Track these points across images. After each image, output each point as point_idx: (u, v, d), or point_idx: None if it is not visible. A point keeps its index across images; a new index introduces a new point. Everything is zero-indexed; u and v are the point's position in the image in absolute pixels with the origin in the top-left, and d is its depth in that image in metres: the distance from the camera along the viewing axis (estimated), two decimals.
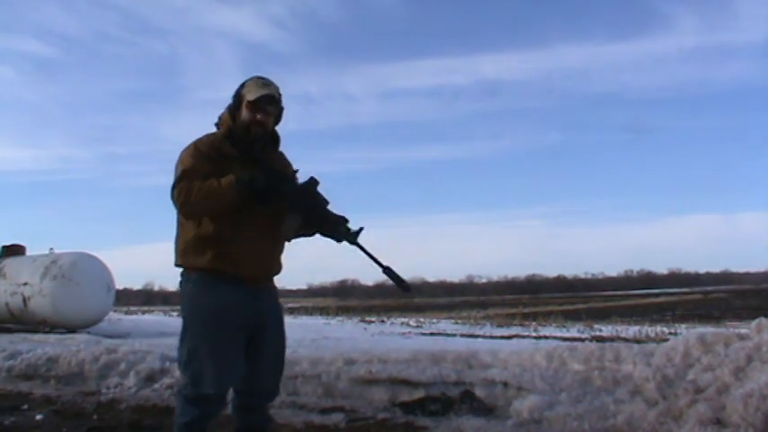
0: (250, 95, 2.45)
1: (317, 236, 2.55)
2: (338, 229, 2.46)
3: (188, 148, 2.44)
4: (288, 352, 2.67)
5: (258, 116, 2.46)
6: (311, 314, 22.65)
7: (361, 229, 2.47)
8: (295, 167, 2.59)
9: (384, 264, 2.47)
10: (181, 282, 2.47)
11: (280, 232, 2.49)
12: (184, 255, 2.42)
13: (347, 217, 2.49)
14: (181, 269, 2.48)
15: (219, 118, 2.55)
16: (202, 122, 2.58)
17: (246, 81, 2.51)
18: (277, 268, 2.57)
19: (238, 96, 2.48)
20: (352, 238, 2.45)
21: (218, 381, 2.35)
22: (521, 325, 14.86)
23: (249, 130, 2.47)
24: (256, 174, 2.36)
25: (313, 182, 2.44)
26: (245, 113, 2.46)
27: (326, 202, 2.48)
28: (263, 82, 2.49)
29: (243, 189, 2.33)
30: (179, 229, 2.47)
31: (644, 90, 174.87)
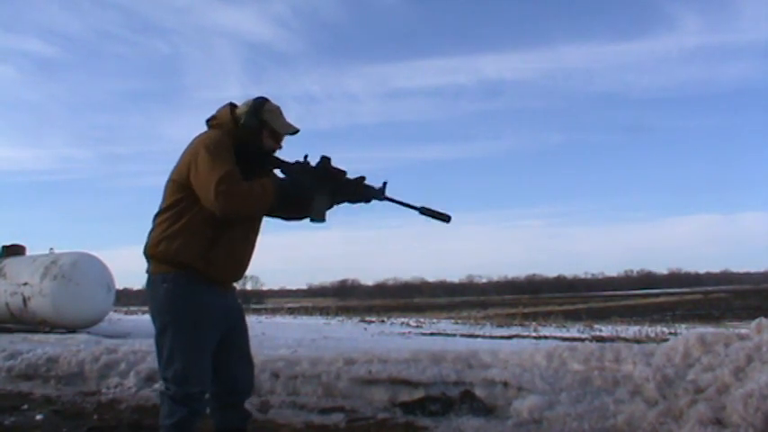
0: (279, 127, 2.53)
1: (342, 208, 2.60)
2: (365, 192, 2.52)
3: (215, 140, 2.40)
4: (288, 352, 2.69)
5: (279, 147, 2.56)
6: (311, 314, 22.67)
7: (384, 183, 2.53)
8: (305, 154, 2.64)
9: (418, 206, 2.53)
10: (152, 281, 2.42)
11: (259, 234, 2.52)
12: (169, 243, 2.36)
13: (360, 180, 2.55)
14: (152, 266, 2.43)
15: (215, 118, 2.55)
16: (204, 122, 2.58)
17: (266, 104, 2.53)
18: (244, 272, 2.61)
19: (260, 120, 2.49)
20: (380, 194, 2.52)
21: (202, 378, 2.40)
22: (521, 325, 14.88)
23: (265, 158, 2.54)
24: (286, 179, 2.46)
25: (326, 160, 2.51)
26: (268, 141, 2.53)
27: (344, 173, 2.53)
28: (281, 111, 2.56)
29: (283, 194, 2.41)
30: (172, 217, 2.39)
31: (646, 90, 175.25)
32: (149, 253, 2.44)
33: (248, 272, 2.66)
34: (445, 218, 2.53)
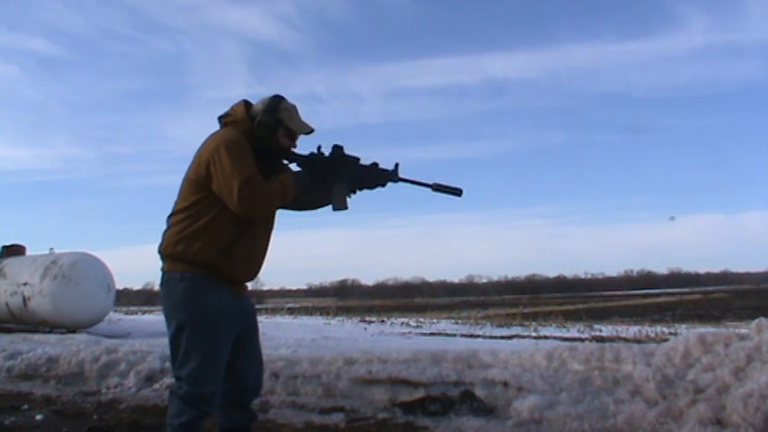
0: (295, 126, 2.53)
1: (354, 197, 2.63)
2: (381, 176, 2.55)
3: (234, 141, 2.39)
4: (288, 352, 2.70)
5: (294, 146, 2.56)
6: (311, 314, 22.63)
7: (396, 164, 2.58)
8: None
9: (430, 183, 2.57)
10: (168, 279, 2.42)
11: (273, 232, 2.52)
12: (190, 243, 2.36)
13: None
14: (168, 265, 2.43)
15: (230, 115, 2.55)
16: (208, 122, 2.59)
17: (282, 102, 2.53)
18: (260, 271, 2.61)
19: (275, 118, 2.49)
20: (395, 176, 2.56)
21: (216, 379, 2.39)
22: (521, 325, 14.86)
23: (279, 155, 2.54)
24: (303, 171, 2.49)
25: (339, 149, 2.55)
26: (283, 139, 2.53)
27: (358, 159, 2.57)
28: (297, 110, 2.56)
29: (304, 186, 2.45)
30: (191, 217, 2.39)
31: (651, 90, 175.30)
32: (166, 253, 2.43)
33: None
34: (457, 192, 2.57)
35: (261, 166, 2.39)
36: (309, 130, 2.57)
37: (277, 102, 2.51)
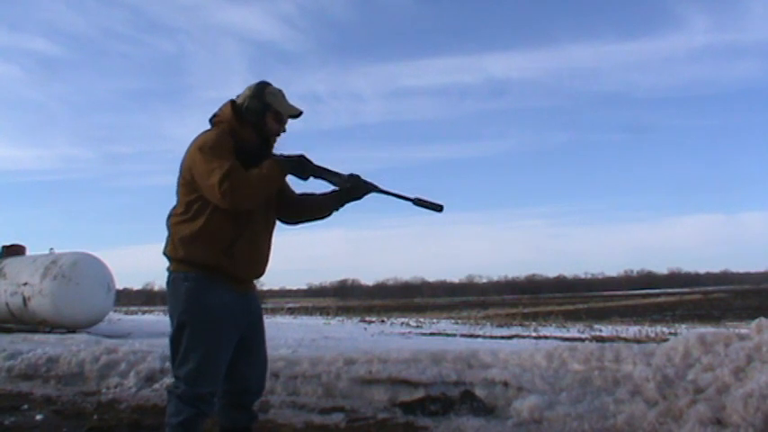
0: (283, 108, 2.52)
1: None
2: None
3: (209, 140, 2.40)
4: (288, 352, 2.69)
5: (283, 130, 2.56)
6: (311, 314, 22.65)
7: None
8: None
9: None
10: (173, 279, 2.43)
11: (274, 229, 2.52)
12: (190, 245, 2.37)
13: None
14: (173, 265, 2.44)
15: (217, 116, 2.55)
16: (208, 121, 2.59)
17: (268, 87, 2.53)
18: (266, 268, 2.61)
19: (263, 103, 2.49)
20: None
21: (215, 380, 2.39)
22: (521, 325, 14.87)
23: (269, 141, 2.54)
24: (286, 160, 2.46)
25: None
26: (272, 124, 2.52)
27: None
28: (284, 94, 2.55)
29: (285, 170, 2.43)
30: (188, 219, 2.40)
31: (651, 89, 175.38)
32: (170, 255, 2.44)
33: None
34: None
35: (245, 164, 2.37)
36: (298, 113, 2.55)
37: (263, 87, 2.52)
